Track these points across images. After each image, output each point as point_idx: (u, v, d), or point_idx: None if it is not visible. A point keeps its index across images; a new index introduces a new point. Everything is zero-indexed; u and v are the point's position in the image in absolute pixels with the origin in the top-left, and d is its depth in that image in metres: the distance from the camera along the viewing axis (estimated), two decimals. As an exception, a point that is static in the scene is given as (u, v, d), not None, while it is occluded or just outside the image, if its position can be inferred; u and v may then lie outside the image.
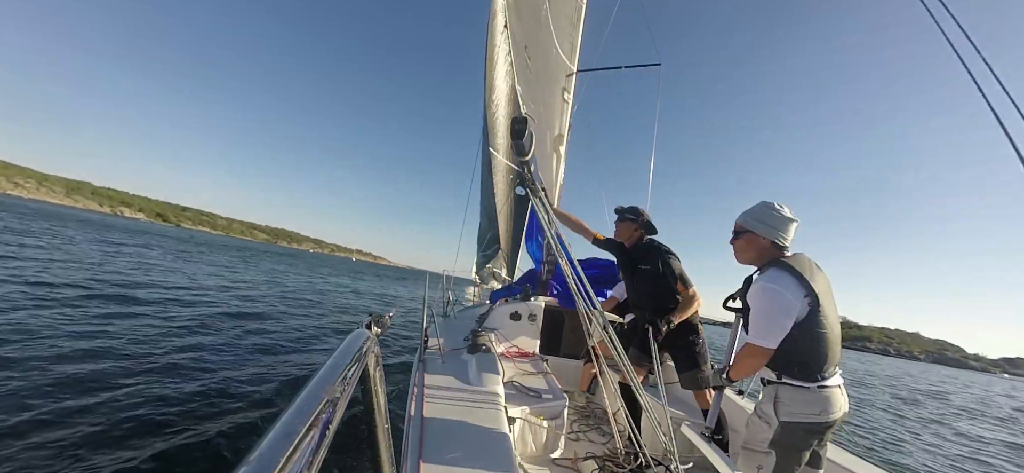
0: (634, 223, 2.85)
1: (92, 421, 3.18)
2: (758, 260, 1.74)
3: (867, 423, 8.88)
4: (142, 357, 4.66)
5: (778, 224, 1.67)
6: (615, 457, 2.49)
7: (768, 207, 1.71)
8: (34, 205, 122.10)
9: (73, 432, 3.00)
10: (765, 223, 1.70)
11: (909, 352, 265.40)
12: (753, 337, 1.59)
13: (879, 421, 9.38)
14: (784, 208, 1.69)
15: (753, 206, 1.78)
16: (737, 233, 1.80)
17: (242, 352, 5.73)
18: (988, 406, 17.32)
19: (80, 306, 6.53)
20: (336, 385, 0.55)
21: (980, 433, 9.96)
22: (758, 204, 1.76)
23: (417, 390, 2.07)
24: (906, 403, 13.72)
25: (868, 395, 14.23)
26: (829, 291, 1.60)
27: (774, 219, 1.68)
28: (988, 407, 16.84)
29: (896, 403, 13.27)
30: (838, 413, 1.53)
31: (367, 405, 0.80)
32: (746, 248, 1.77)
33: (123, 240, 25.09)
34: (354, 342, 0.74)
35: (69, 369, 3.96)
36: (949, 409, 14.06)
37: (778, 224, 1.67)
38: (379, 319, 1.01)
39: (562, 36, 5.10)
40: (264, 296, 11.82)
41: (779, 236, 1.67)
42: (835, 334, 1.54)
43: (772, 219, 1.69)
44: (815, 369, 1.52)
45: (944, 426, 10.19)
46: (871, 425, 8.73)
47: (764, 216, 1.71)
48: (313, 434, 0.43)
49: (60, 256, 12.05)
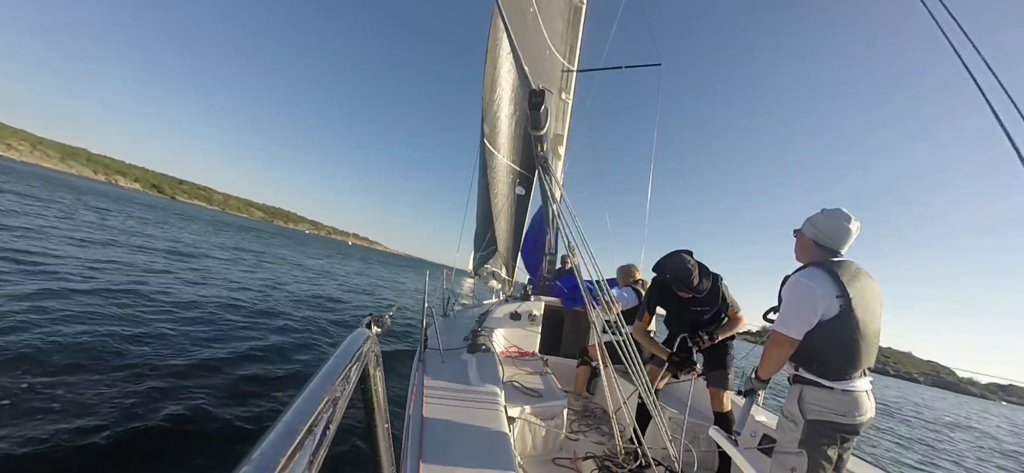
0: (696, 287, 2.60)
1: (83, 419, 3.16)
2: (806, 258, 1.79)
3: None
4: (115, 355, 4.60)
5: (826, 227, 1.70)
6: (615, 457, 2.49)
7: (827, 212, 1.74)
8: (24, 168, 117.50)
9: (68, 431, 2.99)
10: (814, 225, 1.75)
11: (908, 373, 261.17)
12: (777, 325, 1.64)
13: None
14: (843, 214, 1.70)
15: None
16: (795, 232, 1.87)
17: (235, 343, 5.70)
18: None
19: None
20: (336, 385, 0.55)
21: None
22: (829, 208, 1.79)
23: (417, 390, 2.07)
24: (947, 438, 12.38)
25: (908, 429, 12.41)
26: (873, 299, 1.62)
27: (823, 221, 1.72)
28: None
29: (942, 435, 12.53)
30: (864, 416, 1.55)
31: (367, 405, 0.80)
32: (797, 247, 1.85)
33: (105, 206, 24.01)
34: (354, 342, 0.74)
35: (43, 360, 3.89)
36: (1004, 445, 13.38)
37: (826, 227, 1.70)
38: (379, 319, 1.01)
39: (555, 35, 5.09)
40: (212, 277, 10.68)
41: (824, 238, 1.70)
42: (868, 339, 1.55)
43: (820, 221, 1.73)
44: (836, 369, 1.54)
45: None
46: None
47: (817, 218, 1.75)
48: (313, 434, 0.43)
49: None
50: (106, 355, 4.25)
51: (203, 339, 5.42)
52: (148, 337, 4.99)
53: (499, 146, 5.78)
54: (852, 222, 1.68)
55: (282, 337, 6.38)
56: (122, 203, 35.80)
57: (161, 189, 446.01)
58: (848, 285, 1.54)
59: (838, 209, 1.73)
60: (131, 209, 30.92)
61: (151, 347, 4.71)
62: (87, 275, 7.24)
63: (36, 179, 37.64)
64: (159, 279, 8.39)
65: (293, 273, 15.41)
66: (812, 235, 1.75)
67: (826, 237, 1.70)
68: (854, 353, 1.53)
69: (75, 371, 3.80)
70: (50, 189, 30.37)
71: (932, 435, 12.24)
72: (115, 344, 4.54)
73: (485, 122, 5.39)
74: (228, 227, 44.99)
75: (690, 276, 2.53)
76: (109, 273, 7.82)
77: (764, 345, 1.79)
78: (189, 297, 7.40)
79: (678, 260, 2.59)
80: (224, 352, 5.09)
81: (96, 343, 4.43)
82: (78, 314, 5.19)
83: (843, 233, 1.68)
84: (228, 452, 3.18)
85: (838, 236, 1.69)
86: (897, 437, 10.22)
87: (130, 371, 4.04)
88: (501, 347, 3.35)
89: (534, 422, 2.40)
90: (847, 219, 1.69)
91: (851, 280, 1.57)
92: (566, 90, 5.99)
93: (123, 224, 16.33)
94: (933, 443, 10.69)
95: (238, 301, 8.05)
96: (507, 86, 5.23)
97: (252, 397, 4.12)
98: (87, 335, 4.58)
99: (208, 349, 5.09)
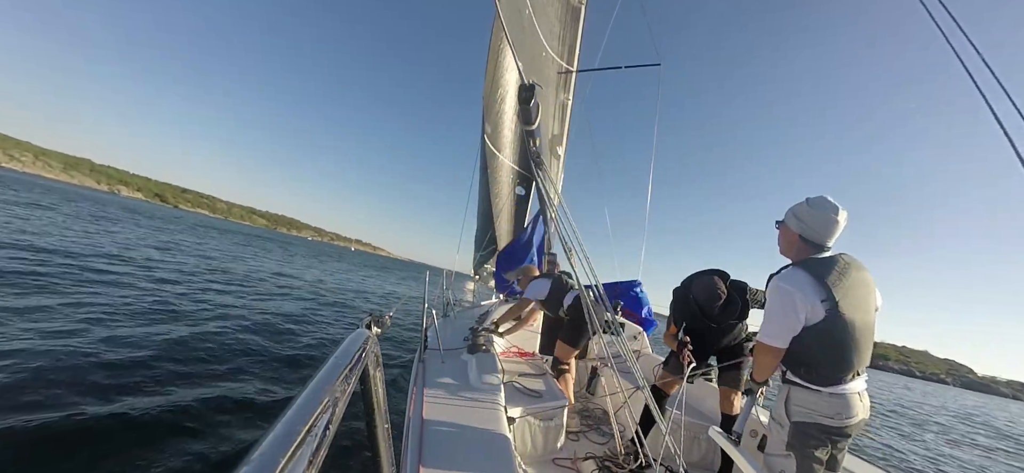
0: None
1: (78, 419, 3.15)
2: (791, 254, 1.69)
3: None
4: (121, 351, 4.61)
5: (811, 220, 1.59)
6: (615, 457, 2.49)
7: (810, 201, 1.62)
8: (26, 178, 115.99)
9: (63, 430, 2.99)
10: (799, 217, 1.63)
11: (935, 375, 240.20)
12: (761, 335, 1.58)
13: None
14: (829, 205, 1.58)
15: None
16: (777, 224, 1.76)
17: (237, 346, 5.70)
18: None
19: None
20: (336, 385, 0.55)
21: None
22: (813, 197, 1.67)
23: (417, 390, 2.07)
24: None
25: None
26: (865, 295, 1.54)
27: (806, 213, 1.60)
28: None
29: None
30: (854, 418, 1.49)
31: (367, 405, 0.80)
32: (781, 240, 1.73)
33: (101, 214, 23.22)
34: (354, 342, 0.74)
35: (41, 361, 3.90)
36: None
37: (811, 220, 1.59)
38: (379, 319, 1.01)
39: (552, 36, 5.08)
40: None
41: (810, 232, 1.59)
42: (859, 341, 1.48)
43: (805, 212, 1.61)
44: (824, 374, 1.48)
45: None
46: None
47: (801, 210, 1.63)
48: (313, 434, 0.43)
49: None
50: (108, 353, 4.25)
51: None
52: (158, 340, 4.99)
53: (501, 146, 5.78)
54: (839, 213, 1.57)
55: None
56: (115, 209, 35.17)
57: (164, 198, 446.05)
58: (834, 286, 1.45)
59: (823, 198, 1.60)
60: (137, 218, 30.50)
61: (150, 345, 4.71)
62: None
63: (49, 191, 36.90)
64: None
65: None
66: (797, 229, 1.63)
67: (812, 231, 1.59)
68: (843, 358, 1.47)
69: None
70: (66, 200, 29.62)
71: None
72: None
73: (487, 122, 5.40)
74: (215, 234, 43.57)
75: (714, 304, 2.33)
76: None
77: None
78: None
79: (706, 284, 2.38)
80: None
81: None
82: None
83: (830, 226, 1.57)
84: (228, 453, 3.18)
85: (825, 229, 1.57)
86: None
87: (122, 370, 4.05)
88: (501, 348, 3.35)
89: (534, 422, 2.40)
90: (834, 210, 1.56)
91: (838, 279, 1.48)
92: (565, 90, 5.99)
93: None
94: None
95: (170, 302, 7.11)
96: (509, 86, 5.23)
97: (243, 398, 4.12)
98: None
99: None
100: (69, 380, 3.67)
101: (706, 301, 2.37)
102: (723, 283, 2.43)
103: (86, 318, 5.26)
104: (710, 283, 2.39)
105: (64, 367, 3.89)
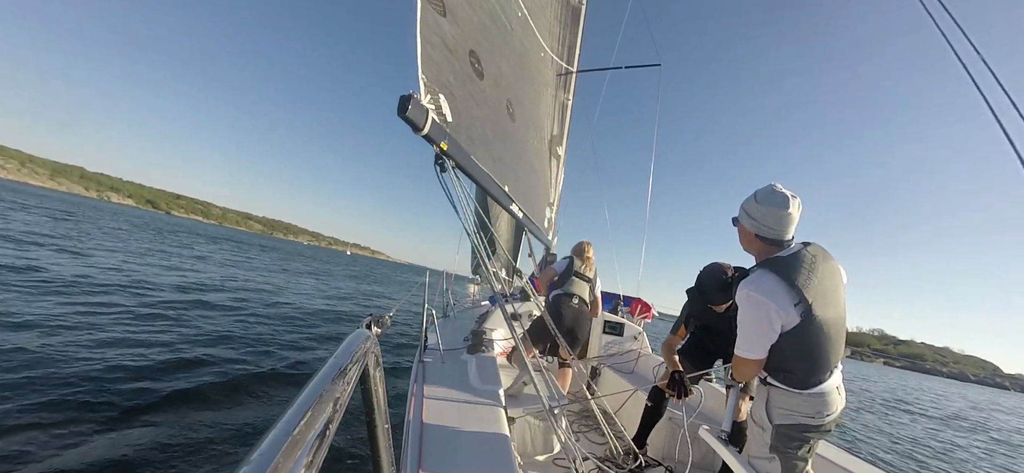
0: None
1: (75, 421, 3.15)
2: (753, 252, 1.62)
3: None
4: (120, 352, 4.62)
5: (763, 217, 1.50)
6: (615, 457, 2.49)
7: (759, 197, 1.54)
8: (11, 186, 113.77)
9: (61, 430, 2.99)
10: (750, 214, 1.54)
11: (960, 372, 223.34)
12: (738, 348, 1.51)
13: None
14: (779, 198, 1.50)
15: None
16: (734, 222, 1.67)
17: (239, 344, 5.71)
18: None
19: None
20: (336, 385, 0.55)
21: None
22: (761, 188, 1.59)
23: (417, 390, 2.07)
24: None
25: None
26: (834, 287, 1.48)
27: (756, 209, 1.53)
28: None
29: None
30: (833, 414, 1.49)
31: (367, 405, 0.80)
32: (741, 239, 1.65)
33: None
34: (354, 342, 0.73)
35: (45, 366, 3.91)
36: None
37: (763, 217, 1.50)
38: (379, 319, 1.01)
39: (551, 36, 5.06)
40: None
41: (765, 230, 1.52)
42: (834, 339, 1.45)
43: (755, 209, 1.53)
44: (804, 377, 1.46)
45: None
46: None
47: (750, 206, 1.55)
48: (313, 434, 0.43)
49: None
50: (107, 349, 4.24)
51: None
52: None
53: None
54: (790, 204, 1.48)
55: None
56: (106, 215, 34.45)
57: (156, 204, 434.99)
58: (806, 288, 1.38)
59: (771, 190, 1.52)
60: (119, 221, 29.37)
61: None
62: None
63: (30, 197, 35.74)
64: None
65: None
66: (752, 228, 1.54)
67: (767, 228, 1.51)
68: (819, 359, 1.44)
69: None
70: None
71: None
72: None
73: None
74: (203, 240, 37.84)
75: (716, 284, 2.22)
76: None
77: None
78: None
79: (713, 269, 2.29)
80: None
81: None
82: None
83: (784, 220, 1.49)
84: (228, 453, 3.18)
85: (778, 225, 1.50)
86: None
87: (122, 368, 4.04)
88: (501, 348, 3.34)
89: (534, 423, 2.40)
90: (784, 203, 1.48)
91: (808, 278, 1.40)
92: (565, 90, 5.99)
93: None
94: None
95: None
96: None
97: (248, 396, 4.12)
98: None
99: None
100: (69, 381, 3.67)
101: (709, 281, 2.30)
102: (731, 269, 2.36)
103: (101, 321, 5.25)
104: (717, 268, 2.32)
105: (64, 368, 3.89)
